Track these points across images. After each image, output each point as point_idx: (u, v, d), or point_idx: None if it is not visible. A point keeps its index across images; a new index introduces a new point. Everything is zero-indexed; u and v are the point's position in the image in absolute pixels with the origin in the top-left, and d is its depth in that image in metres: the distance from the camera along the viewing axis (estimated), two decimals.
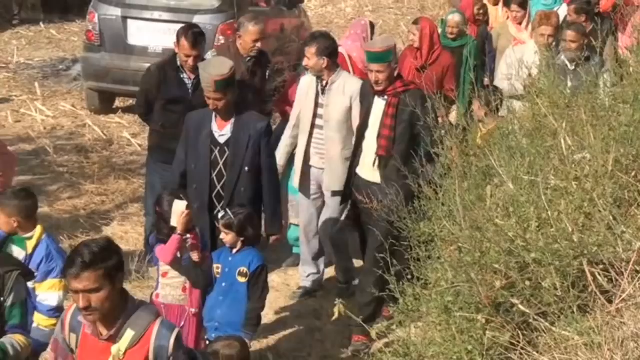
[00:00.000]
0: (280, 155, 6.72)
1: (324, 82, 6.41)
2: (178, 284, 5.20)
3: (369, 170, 6.03)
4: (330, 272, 7.12)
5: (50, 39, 13.82)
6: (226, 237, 5.21)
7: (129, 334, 3.49)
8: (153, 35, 10.21)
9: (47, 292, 4.79)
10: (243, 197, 5.56)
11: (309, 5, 15.91)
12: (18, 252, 4.82)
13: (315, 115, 6.46)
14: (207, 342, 5.08)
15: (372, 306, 5.86)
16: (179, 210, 5.10)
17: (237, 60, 6.84)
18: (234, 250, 5.22)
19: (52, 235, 4.99)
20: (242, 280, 5.16)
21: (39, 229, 4.87)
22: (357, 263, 6.79)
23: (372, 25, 7.94)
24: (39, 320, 4.75)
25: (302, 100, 6.59)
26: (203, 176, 5.59)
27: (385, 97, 5.93)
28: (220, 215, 5.24)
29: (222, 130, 5.60)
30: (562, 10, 10.08)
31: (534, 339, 3.58)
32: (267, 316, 6.56)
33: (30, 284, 4.76)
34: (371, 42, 6.38)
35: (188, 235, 5.17)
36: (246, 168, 5.57)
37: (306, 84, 6.60)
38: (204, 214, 5.57)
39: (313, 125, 6.47)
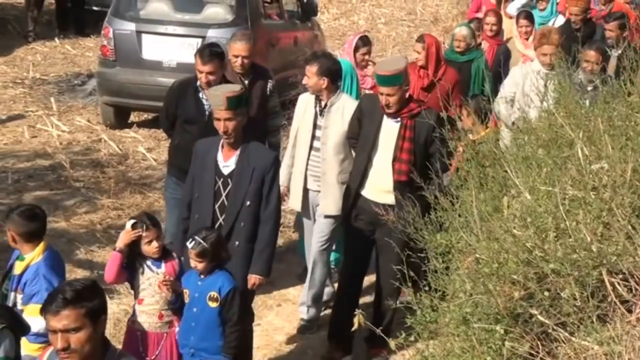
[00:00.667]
0: (282, 177, 6.55)
1: (323, 103, 6.28)
2: (154, 312, 5.08)
3: (380, 193, 5.89)
4: None
5: (65, 54, 13.92)
6: (199, 264, 4.98)
7: None
8: (167, 50, 10.27)
9: (30, 317, 4.62)
10: (242, 232, 5.38)
11: (322, 18, 15.98)
12: (16, 270, 4.82)
13: (313, 137, 6.33)
14: None
15: (391, 318, 5.85)
16: (125, 228, 5.06)
17: (234, 77, 6.81)
18: (203, 275, 5.01)
19: (49, 260, 4.83)
20: (213, 305, 4.97)
21: (36, 251, 4.77)
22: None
23: (367, 39, 7.73)
24: (23, 345, 4.61)
25: (300, 118, 6.46)
26: (206, 207, 5.43)
27: (399, 119, 5.81)
28: (190, 245, 4.98)
29: (226, 162, 5.43)
30: (559, 22, 10.04)
31: (554, 349, 3.56)
32: (284, 329, 6.59)
33: (19, 307, 4.73)
34: (381, 64, 6.21)
35: (163, 271, 5.06)
36: (247, 202, 5.37)
37: (304, 103, 6.47)
38: None
39: (311, 147, 6.35)
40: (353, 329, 4.69)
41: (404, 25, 17.11)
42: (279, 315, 6.78)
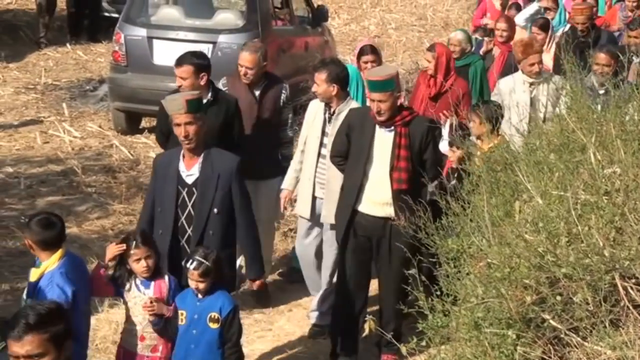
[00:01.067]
0: (289, 181, 6.56)
1: (332, 110, 6.23)
2: (136, 332, 4.98)
3: (378, 206, 5.78)
4: None
5: (77, 60, 13.97)
6: (202, 284, 4.86)
7: None
8: (178, 55, 10.26)
9: None
10: (212, 241, 5.24)
11: (333, 23, 15.98)
12: (31, 277, 4.80)
13: (321, 144, 6.27)
14: None
15: (399, 323, 5.82)
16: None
17: (243, 87, 6.76)
18: (201, 295, 4.90)
19: (65, 267, 4.77)
20: (214, 326, 4.87)
21: (52, 259, 4.74)
22: None
23: (374, 48, 7.55)
24: None
25: (309, 125, 6.40)
26: (169, 220, 5.28)
27: (392, 128, 5.72)
28: (191, 265, 4.85)
29: (189, 170, 5.29)
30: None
31: (566, 354, 3.56)
32: (295, 333, 6.59)
33: None
34: (372, 71, 6.11)
35: (150, 292, 4.95)
36: (215, 210, 5.26)
37: (314, 109, 6.40)
38: (165, 263, 5.20)
39: (319, 154, 6.30)
40: (363, 335, 4.67)
41: (414, 31, 17.10)
42: (290, 321, 6.78)
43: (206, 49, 10.16)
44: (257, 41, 8.50)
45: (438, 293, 4.28)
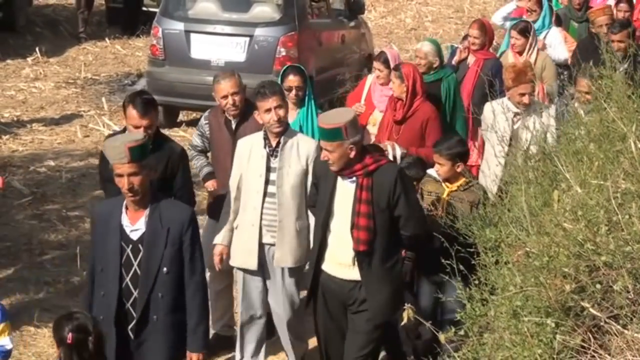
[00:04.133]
0: (224, 234, 5.71)
1: (274, 143, 5.52)
2: None
3: (342, 267, 5.10)
4: None
5: (116, 54, 14.10)
6: None
7: None
8: (215, 49, 10.36)
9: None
10: (161, 305, 4.65)
11: (369, 16, 15.96)
12: None
13: (267, 182, 5.52)
14: None
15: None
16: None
17: (221, 122, 6.02)
18: None
19: None
20: None
21: None
22: None
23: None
24: None
25: (243, 165, 5.59)
26: (112, 282, 4.64)
27: (354, 178, 4.98)
28: None
29: (134, 225, 4.63)
30: (551, 35, 9.04)
31: (606, 342, 3.56)
32: None
33: None
34: (323, 116, 5.26)
35: None
36: (164, 269, 4.62)
37: (247, 147, 5.59)
38: (111, 329, 4.59)
39: (265, 194, 5.53)
40: (402, 323, 4.63)
41: (451, 23, 17.02)
42: None
43: (242, 42, 10.27)
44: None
45: (476, 282, 4.30)
